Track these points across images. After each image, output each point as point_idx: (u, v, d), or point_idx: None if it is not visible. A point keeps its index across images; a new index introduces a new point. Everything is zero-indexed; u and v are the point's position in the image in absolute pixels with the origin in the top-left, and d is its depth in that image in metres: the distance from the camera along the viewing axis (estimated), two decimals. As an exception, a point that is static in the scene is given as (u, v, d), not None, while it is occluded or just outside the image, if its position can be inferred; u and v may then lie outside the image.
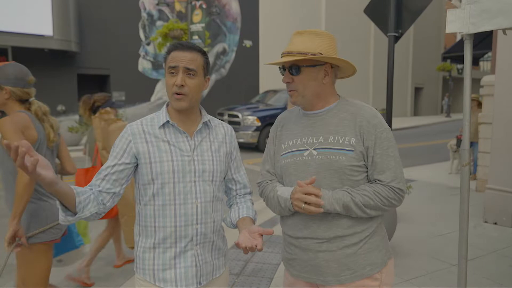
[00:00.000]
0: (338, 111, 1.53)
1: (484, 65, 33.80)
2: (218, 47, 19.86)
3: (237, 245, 1.37)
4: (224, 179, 1.67)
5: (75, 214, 1.36)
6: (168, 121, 1.53)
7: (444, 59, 10.03)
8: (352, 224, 1.48)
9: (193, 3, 13.47)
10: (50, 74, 15.63)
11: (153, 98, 18.28)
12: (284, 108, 12.31)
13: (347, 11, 23.87)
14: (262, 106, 12.41)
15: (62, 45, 14.87)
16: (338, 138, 1.48)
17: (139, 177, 1.53)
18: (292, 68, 1.51)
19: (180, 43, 1.53)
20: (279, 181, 1.64)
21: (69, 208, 1.34)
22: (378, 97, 26.28)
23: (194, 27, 12.48)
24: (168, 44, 14.28)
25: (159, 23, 18.13)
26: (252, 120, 11.68)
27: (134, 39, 17.80)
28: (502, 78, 4.70)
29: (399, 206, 1.52)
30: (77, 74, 16.48)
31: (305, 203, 1.43)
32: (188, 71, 1.49)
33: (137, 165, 1.52)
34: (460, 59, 9.06)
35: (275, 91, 13.59)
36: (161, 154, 1.50)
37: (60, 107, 16.02)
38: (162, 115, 1.56)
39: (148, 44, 18.12)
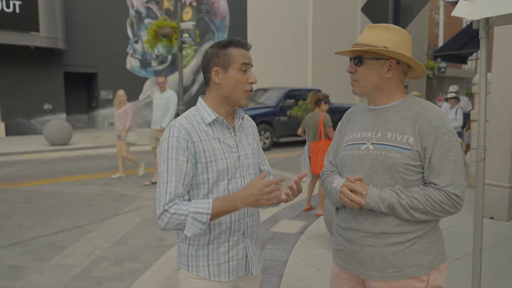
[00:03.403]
0: (401, 109, 1.53)
1: (469, 63, 34.47)
2: (207, 45, 19.76)
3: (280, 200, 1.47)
4: None
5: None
6: (217, 118, 1.52)
7: (435, 57, 10.18)
8: (400, 223, 1.47)
9: (183, 1, 13.37)
10: (36, 72, 15.31)
11: (141, 97, 18.09)
12: (275, 107, 12.35)
13: (335, 10, 24.01)
14: (253, 104, 12.39)
15: (49, 42, 14.58)
16: (396, 135, 1.47)
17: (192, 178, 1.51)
18: (356, 59, 1.53)
19: (238, 39, 1.52)
20: (339, 173, 1.67)
21: None
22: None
23: (184, 25, 12.37)
24: (157, 42, 14.15)
25: (147, 20, 17.95)
26: (243, 118, 11.65)
27: (122, 37, 17.57)
28: (498, 75, 4.81)
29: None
30: (64, 72, 16.16)
31: (347, 198, 1.46)
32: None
33: None
34: (451, 58, 9.22)
35: (265, 90, 13.59)
36: (215, 152, 1.50)
37: (46, 106, 15.71)
38: (206, 112, 1.54)
39: (136, 42, 17.91)
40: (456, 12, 2.22)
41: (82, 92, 18.31)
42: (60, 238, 4.55)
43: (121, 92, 7.74)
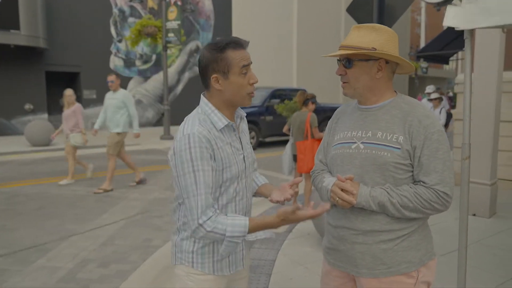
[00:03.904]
0: (391, 108, 1.54)
1: (450, 64, 35.14)
2: (192, 45, 19.67)
3: (271, 201, 1.59)
4: None
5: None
6: (228, 123, 1.51)
7: (418, 58, 10.36)
8: (390, 221, 1.49)
9: (167, 0, 13.28)
10: (17, 71, 14.98)
11: (125, 96, 17.87)
12: (261, 106, 12.36)
13: (319, 10, 24.19)
14: (239, 104, 12.37)
15: (30, 41, 14.28)
16: (386, 134, 1.49)
17: None
18: (345, 61, 1.53)
19: (235, 40, 1.48)
20: (329, 171, 1.69)
21: None
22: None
23: (169, 24, 12.28)
24: (140, 40, 14.02)
25: (131, 19, 17.75)
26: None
27: (105, 35, 17.33)
28: (478, 75, 4.92)
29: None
30: (45, 71, 15.85)
31: (338, 198, 1.48)
32: None
33: None
34: (433, 58, 9.38)
35: (250, 89, 13.61)
36: (229, 158, 1.50)
37: (28, 106, 15.39)
38: (216, 116, 1.50)
39: (120, 41, 17.69)
40: (447, 22, 2.27)
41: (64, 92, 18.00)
42: (44, 240, 4.46)
43: (69, 92, 7.25)
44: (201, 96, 1.57)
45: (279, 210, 1.42)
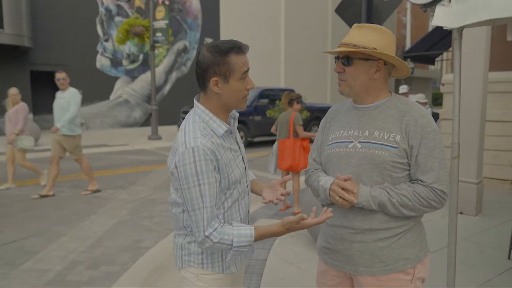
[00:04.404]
0: (387, 108, 1.56)
1: (435, 64, 35.65)
2: (179, 45, 19.56)
3: (264, 202, 1.58)
4: None
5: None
6: (228, 129, 1.52)
7: (405, 58, 10.50)
8: (387, 219, 1.51)
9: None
10: (0, 71, 14.70)
11: (112, 97, 17.69)
12: (249, 106, 12.36)
13: (307, 10, 24.29)
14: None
15: (14, 40, 14.00)
16: (383, 133, 1.51)
17: None
18: (344, 59, 1.54)
19: (238, 45, 1.47)
20: (323, 171, 1.69)
21: None
22: (335, 95, 26.98)
23: (157, 24, 12.19)
24: (128, 40, 13.89)
25: (117, 18, 17.57)
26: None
27: (92, 35, 17.10)
28: (466, 76, 4.99)
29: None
30: (30, 71, 15.57)
31: (339, 196, 1.49)
32: None
33: None
34: (419, 59, 9.51)
35: (239, 89, 13.61)
36: (231, 163, 1.51)
37: (11, 106, 15.11)
38: (215, 123, 1.51)
39: (106, 40, 17.49)
40: (436, 21, 2.30)
41: (50, 92, 17.66)
42: (30, 243, 4.39)
43: (13, 91, 6.81)
44: (195, 102, 1.56)
45: (284, 219, 1.45)
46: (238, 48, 1.46)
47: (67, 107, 6.15)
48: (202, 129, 1.47)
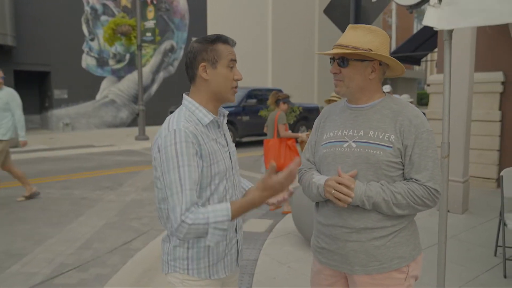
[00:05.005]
0: (381, 108, 1.58)
1: (420, 65, 36.08)
2: (166, 44, 19.43)
3: (267, 203, 1.51)
4: None
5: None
6: (214, 118, 1.51)
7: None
8: (382, 218, 1.52)
9: (142, -1, 13.06)
10: (-18, 70, 14.39)
11: (98, 97, 17.47)
12: (237, 106, 12.35)
13: (294, 10, 24.37)
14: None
15: (-3, 39, 13.76)
16: (378, 133, 1.52)
17: None
18: (340, 60, 1.55)
19: (225, 36, 1.52)
20: (317, 170, 1.70)
21: None
22: (322, 94, 27.14)
23: (148, 24, 12.08)
24: (116, 40, 13.74)
25: (103, 18, 17.36)
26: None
27: (77, 34, 16.86)
28: (452, 76, 5.08)
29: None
30: (13, 70, 15.28)
31: (335, 190, 1.49)
32: None
33: None
34: (406, 59, 9.62)
35: (227, 89, 13.59)
36: (216, 154, 1.48)
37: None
38: (201, 112, 1.50)
39: (92, 39, 17.27)
40: (426, 21, 2.33)
41: (34, 92, 17.42)
42: (17, 246, 4.31)
43: None
44: (184, 96, 1.56)
45: (257, 183, 1.39)
46: (225, 38, 1.52)
47: (5, 109, 5.75)
48: (187, 116, 1.48)
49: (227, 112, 1.66)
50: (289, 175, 1.36)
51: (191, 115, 1.50)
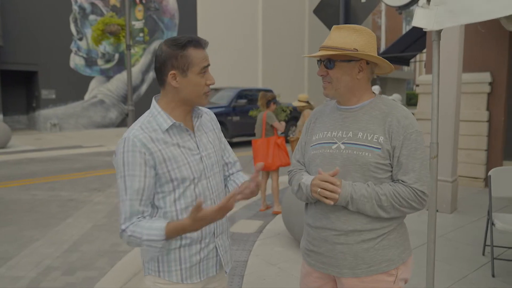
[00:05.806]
0: (370, 109, 1.56)
1: (409, 65, 36.38)
2: (156, 44, 19.28)
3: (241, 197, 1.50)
4: None
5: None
6: (174, 123, 1.46)
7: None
8: (370, 220, 1.50)
9: (131, -2, 12.94)
10: (-32, 70, 14.16)
11: (87, 97, 17.28)
12: (227, 107, 12.32)
13: (284, 10, 24.40)
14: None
15: (-18, 38, 13.54)
16: (367, 135, 1.51)
17: (155, 188, 1.45)
18: (327, 62, 1.54)
19: (197, 39, 1.44)
20: (307, 171, 1.68)
21: None
22: (312, 95, 27.23)
23: (138, 24, 11.97)
24: (104, 39, 13.60)
25: (92, 17, 17.17)
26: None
27: (65, 33, 16.65)
28: (442, 76, 5.12)
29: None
30: (0, 70, 15.06)
31: (321, 188, 1.47)
32: None
33: None
34: (395, 60, 9.68)
35: (216, 89, 13.52)
36: (176, 159, 1.44)
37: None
38: (162, 117, 1.46)
39: (80, 39, 17.07)
40: (415, 22, 2.33)
41: (21, 92, 17.17)
42: (3, 248, 4.23)
43: None
44: (153, 99, 1.53)
45: (191, 210, 1.34)
46: (196, 42, 1.43)
47: None
48: (146, 122, 1.46)
49: (204, 112, 1.62)
50: (222, 207, 1.31)
51: (151, 120, 1.46)
